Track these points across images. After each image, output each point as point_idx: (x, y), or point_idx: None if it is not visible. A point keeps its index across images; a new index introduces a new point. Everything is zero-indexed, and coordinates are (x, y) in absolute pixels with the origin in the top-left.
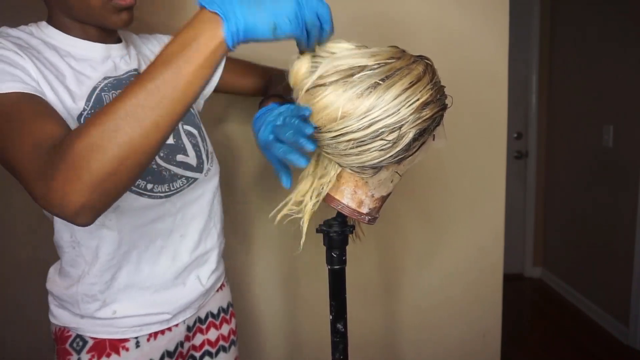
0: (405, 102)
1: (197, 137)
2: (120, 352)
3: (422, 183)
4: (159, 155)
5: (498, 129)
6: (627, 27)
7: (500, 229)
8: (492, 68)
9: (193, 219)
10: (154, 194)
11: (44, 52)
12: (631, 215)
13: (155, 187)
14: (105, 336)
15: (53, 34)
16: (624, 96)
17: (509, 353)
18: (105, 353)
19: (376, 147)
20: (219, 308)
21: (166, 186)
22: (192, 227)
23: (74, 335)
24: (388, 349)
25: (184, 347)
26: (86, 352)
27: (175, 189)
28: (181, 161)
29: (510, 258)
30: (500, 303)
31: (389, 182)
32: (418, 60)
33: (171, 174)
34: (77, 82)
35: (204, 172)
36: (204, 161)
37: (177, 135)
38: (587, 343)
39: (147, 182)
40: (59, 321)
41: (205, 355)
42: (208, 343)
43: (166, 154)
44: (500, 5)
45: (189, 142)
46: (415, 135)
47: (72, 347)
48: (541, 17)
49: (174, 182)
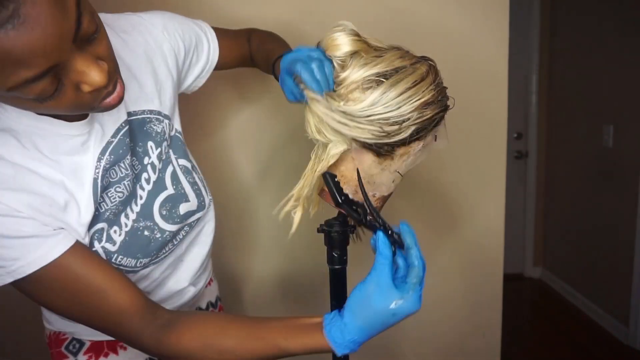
0: (408, 100)
1: (191, 172)
2: (118, 351)
3: (423, 183)
4: (161, 214)
5: (498, 129)
6: (627, 27)
7: (500, 229)
8: (492, 68)
9: (196, 245)
10: (158, 258)
11: (23, 164)
12: (631, 215)
13: (159, 253)
14: (103, 338)
15: (24, 119)
16: (624, 96)
17: (509, 352)
18: (103, 353)
19: (370, 130)
20: (208, 303)
21: (169, 245)
22: (195, 253)
23: (69, 338)
24: (388, 348)
25: None
26: (83, 354)
27: (179, 241)
28: (184, 212)
29: (510, 258)
30: (500, 303)
31: (390, 182)
32: (421, 60)
33: (173, 233)
34: (79, 183)
35: (207, 204)
36: (204, 196)
37: (176, 180)
38: (587, 343)
39: (151, 256)
40: (53, 326)
41: None
42: None
43: (168, 208)
44: (500, 5)
45: (187, 183)
46: (413, 132)
47: (68, 349)
48: (541, 17)
49: (177, 235)
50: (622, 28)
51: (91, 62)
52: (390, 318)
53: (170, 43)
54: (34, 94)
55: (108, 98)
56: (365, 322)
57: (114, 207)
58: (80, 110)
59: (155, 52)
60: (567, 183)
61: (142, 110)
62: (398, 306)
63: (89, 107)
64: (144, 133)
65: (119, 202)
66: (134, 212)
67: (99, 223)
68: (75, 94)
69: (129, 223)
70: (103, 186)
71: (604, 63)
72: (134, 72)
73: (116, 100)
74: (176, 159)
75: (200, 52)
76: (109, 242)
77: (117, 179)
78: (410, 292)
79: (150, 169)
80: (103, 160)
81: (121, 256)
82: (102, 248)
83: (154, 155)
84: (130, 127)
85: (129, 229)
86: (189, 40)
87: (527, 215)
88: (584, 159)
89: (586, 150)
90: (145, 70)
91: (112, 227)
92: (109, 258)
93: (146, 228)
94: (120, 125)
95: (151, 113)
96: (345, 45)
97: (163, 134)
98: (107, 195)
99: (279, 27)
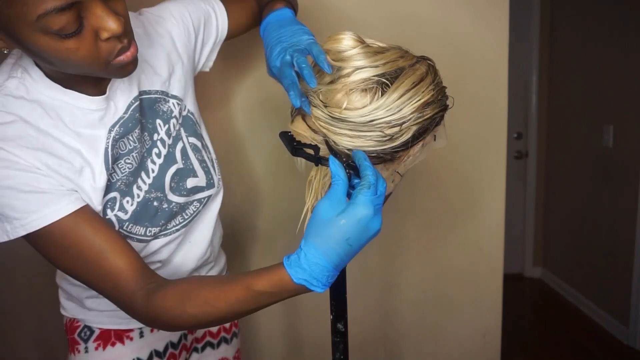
0: (408, 101)
1: (201, 151)
2: (125, 341)
3: (422, 183)
4: (171, 186)
5: (498, 129)
6: (627, 27)
7: (500, 229)
8: (492, 68)
9: (204, 227)
10: (167, 230)
11: (44, 123)
12: (631, 215)
13: (168, 224)
14: (111, 326)
15: (49, 91)
16: (624, 96)
17: (509, 353)
18: (110, 342)
19: (372, 137)
20: None
21: (179, 218)
22: (203, 234)
23: (82, 325)
24: (388, 348)
25: (187, 340)
26: (93, 341)
27: (189, 216)
28: (192, 187)
29: (510, 258)
30: (500, 303)
31: (390, 182)
32: (421, 60)
33: (180, 205)
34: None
35: (216, 184)
36: (213, 174)
37: (185, 155)
38: (587, 343)
39: (160, 226)
40: (68, 313)
41: (207, 347)
42: (209, 334)
43: (177, 181)
44: (500, 5)
45: (196, 160)
46: (414, 133)
47: (80, 336)
48: (541, 17)
49: (186, 210)
50: (622, 28)
51: (110, 11)
52: (342, 228)
53: (179, 29)
54: (58, 26)
55: (122, 55)
56: (319, 240)
57: (125, 178)
58: (97, 63)
59: (167, 40)
60: (567, 183)
61: (155, 90)
62: (344, 210)
63: (105, 61)
64: (153, 111)
65: (128, 173)
66: (146, 183)
67: (111, 192)
68: (94, 42)
69: (141, 194)
70: (113, 156)
71: (604, 63)
72: (147, 58)
73: (130, 57)
74: (186, 137)
75: (209, 28)
76: (122, 210)
77: (126, 151)
78: (358, 195)
79: (160, 145)
80: (113, 131)
81: (132, 224)
82: (115, 216)
83: (163, 132)
84: (142, 104)
85: (141, 199)
86: (197, 21)
87: (527, 215)
88: (584, 159)
89: (586, 150)
90: (159, 57)
91: (125, 197)
92: (121, 226)
93: (156, 199)
94: (131, 101)
95: (160, 93)
96: (347, 40)
97: (170, 112)
98: (117, 166)
99: None
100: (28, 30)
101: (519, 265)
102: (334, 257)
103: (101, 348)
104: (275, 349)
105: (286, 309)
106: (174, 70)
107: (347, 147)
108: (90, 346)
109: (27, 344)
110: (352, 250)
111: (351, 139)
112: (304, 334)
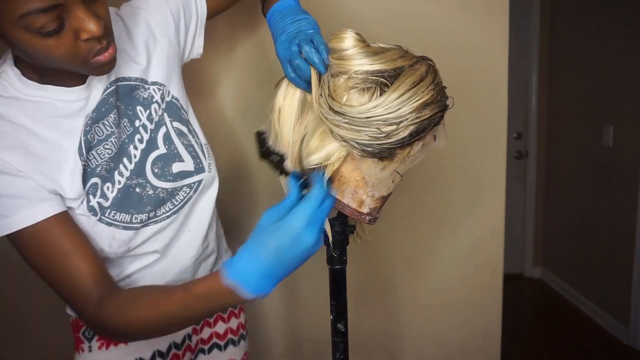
0: (407, 101)
1: (187, 135)
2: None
3: (422, 183)
4: (154, 172)
5: (498, 129)
6: (627, 27)
7: (500, 229)
8: (492, 68)
9: (201, 214)
10: (157, 217)
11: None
12: (631, 215)
13: (157, 211)
14: None
15: (27, 89)
16: (624, 96)
17: (509, 353)
18: (113, 341)
19: (367, 132)
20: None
21: (168, 204)
22: (200, 222)
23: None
24: (388, 348)
25: (191, 340)
26: (96, 340)
27: (180, 202)
28: (178, 171)
29: (510, 258)
30: (500, 303)
31: (390, 182)
32: (421, 60)
33: (168, 191)
34: (69, 140)
35: (207, 168)
36: (202, 159)
37: (169, 140)
38: (587, 343)
39: (147, 212)
40: (73, 312)
41: (214, 348)
42: (216, 336)
43: (160, 166)
44: (500, 5)
45: (181, 145)
46: (412, 132)
47: (84, 335)
48: (541, 17)
49: (175, 196)
50: (622, 28)
51: (91, 14)
52: (273, 235)
53: (155, 16)
54: (39, 24)
55: (100, 55)
56: (253, 245)
57: (105, 163)
58: (75, 61)
59: (144, 28)
60: (567, 183)
61: (134, 77)
62: (280, 219)
63: (83, 59)
64: (133, 98)
65: (108, 159)
66: (127, 169)
67: (92, 178)
68: (74, 41)
69: (122, 180)
70: (88, 141)
71: (604, 63)
72: (125, 48)
73: (107, 58)
74: (170, 122)
75: (189, 11)
76: (103, 197)
77: (103, 137)
78: (296, 206)
79: (142, 130)
80: (86, 117)
81: (114, 211)
82: (97, 203)
83: (144, 118)
84: (118, 90)
85: (122, 186)
86: (175, 6)
87: (527, 215)
88: (584, 159)
89: (586, 150)
90: (136, 46)
91: (106, 184)
92: (103, 213)
93: (138, 185)
94: (107, 86)
95: (139, 81)
96: (349, 39)
97: (150, 98)
98: (96, 152)
99: None
100: (12, 27)
101: (519, 265)
102: (264, 264)
103: (104, 347)
104: (275, 349)
105: (286, 309)
106: (151, 57)
107: (342, 139)
108: (93, 345)
109: (33, 345)
110: (283, 261)
111: (347, 131)
112: (304, 334)
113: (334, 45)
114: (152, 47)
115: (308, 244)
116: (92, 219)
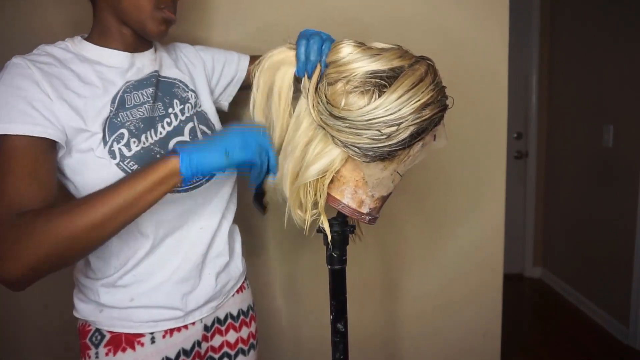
0: (407, 102)
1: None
2: (136, 347)
3: (422, 183)
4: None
5: (498, 129)
6: (627, 27)
7: (500, 229)
8: (492, 68)
9: (212, 212)
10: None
11: (75, 65)
12: (631, 215)
13: None
14: (121, 330)
15: (86, 48)
16: (624, 96)
17: (509, 353)
18: (121, 347)
19: (369, 135)
20: (239, 310)
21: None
22: (212, 220)
23: (93, 329)
24: (388, 348)
25: (201, 347)
26: (103, 346)
27: (193, 184)
28: None
29: (510, 258)
30: (500, 303)
31: (389, 182)
32: (420, 60)
33: None
34: (104, 90)
35: None
36: None
37: (194, 134)
38: (587, 343)
39: None
40: (81, 315)
41: (224, 357)
42: (227, 345)
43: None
44: (500, 5)
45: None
46: (412, 133)
47: (92, 341)
48: (541, 17)
49: None
50: (622, 28)
51: None
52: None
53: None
54: None
55: (167, 11)
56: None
57: (136, 122)
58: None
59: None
60: (567, 183)
61: (174, 78)
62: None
63: (156, 5)
64: (172, 93)
65: (139, 119)
66: (153, 138)
67: (121, 129)
68: None
69: (147, 143)
70: (123, 99)
71: (604, 63)
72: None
73: (170, 16)
74: (198, 124)
75: (230, 64)
76: (126, 147)
77: (139, 103)
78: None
79: (173, 117)
80: (128, 83)
81: (133, 162)
82: (119, 150)
83: (177, 109)
84: (160, 84)
85: (146, 146)
86: (219, 60)
87: (527, 215)
88: (584, 159)
89: (586, 150)
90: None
91: (132, 138)
92: (122, 160)
93: (159, 153)
94: (152, 72)
95: (180, 82)
96: (346, 48)
97: (187, 99)
98: (130, 113)
99: (277, 29)
100: None
101: (519, 265)
102: (199, 143)
103: (112, 354)
104: (275, 349)
105: (286, 309)
106: (190, 72)
107: (344, 144)
108: (100, 351)
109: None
110: (210, 141)
111: (348, 135)
112: (304, 334)
113: (331, 58)
114: (191, 68)
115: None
116: (110, 162)
